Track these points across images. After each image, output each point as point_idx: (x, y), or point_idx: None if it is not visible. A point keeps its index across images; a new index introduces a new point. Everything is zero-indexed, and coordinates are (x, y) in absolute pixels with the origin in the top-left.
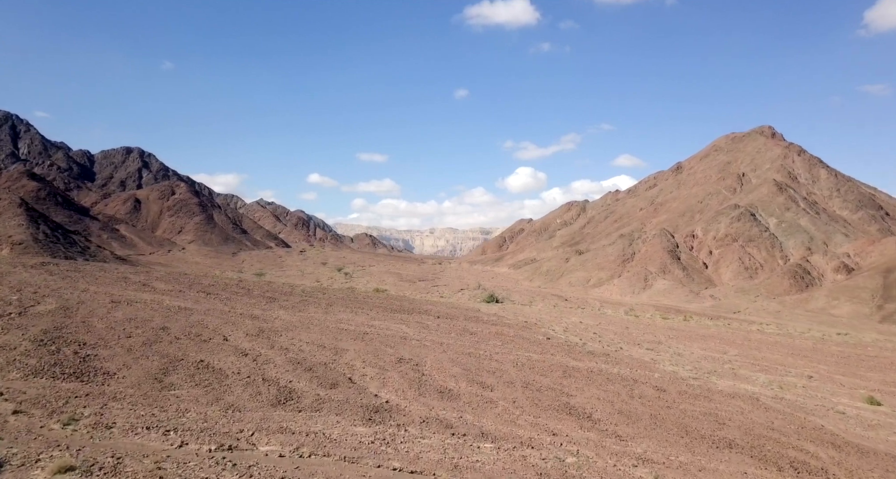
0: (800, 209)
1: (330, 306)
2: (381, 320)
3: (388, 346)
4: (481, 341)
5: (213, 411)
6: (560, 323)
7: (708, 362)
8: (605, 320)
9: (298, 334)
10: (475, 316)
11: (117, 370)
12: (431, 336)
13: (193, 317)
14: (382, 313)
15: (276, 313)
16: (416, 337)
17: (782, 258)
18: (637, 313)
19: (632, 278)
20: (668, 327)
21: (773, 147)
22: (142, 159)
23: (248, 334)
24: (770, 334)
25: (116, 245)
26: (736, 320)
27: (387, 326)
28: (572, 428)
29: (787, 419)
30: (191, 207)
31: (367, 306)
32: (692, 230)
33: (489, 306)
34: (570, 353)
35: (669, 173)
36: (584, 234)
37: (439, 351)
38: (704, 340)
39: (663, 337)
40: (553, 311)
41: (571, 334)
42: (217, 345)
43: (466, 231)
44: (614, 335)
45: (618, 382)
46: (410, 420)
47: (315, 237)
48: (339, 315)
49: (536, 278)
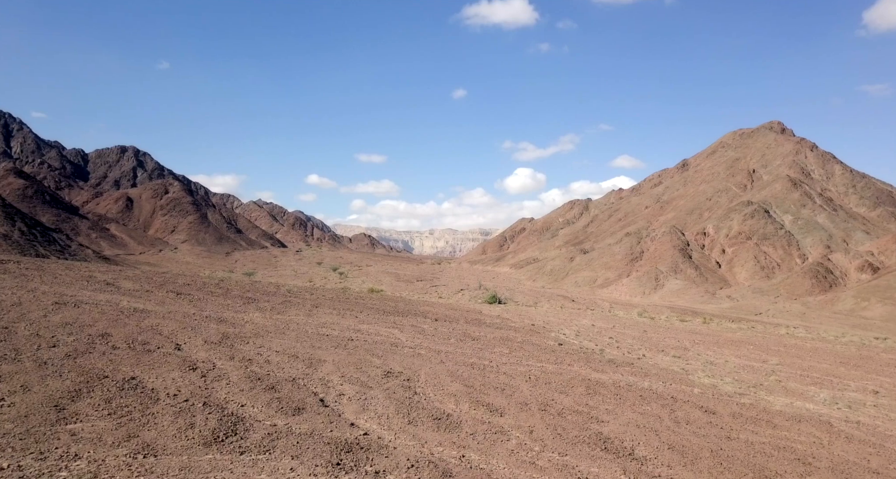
0: (816, 206)
1: (315, 308)
2: (371, 324)
3: (375, 355)
4: (485, 347)
5: (116, 456)
6: (570, 326)
7: (748, 373)
8: (619, 323)
9: (269, 340)
10: (477, 319)
11: (9, 394)
12: (427, 343)
13: (147, 321)
14: (374, 315)
15: (249, 316)
16: (409, 344)
17: (800, 257)
18: (651, 314)
19: (641, 278)
20: (689, 330)
21: (783, 142)
22: (137, 158)
23: (207, 341)
24: (803, 338)
25: (106, 244)
26: (759, 322)
27: (377, 330)
28: (612, 472)
29: (882, 455)
30: (184, 207)
31: (358, 308)
32: (703, 228)
33: (492, 308)
34: (589, 362)
35: (675, 171)
36: (587, 232)
37: (436, 361)
38: (735, 346)
39: (687, 342)
40: (561, 313)
41: (585, 338)
42: (162, 356)
43: (466, 232)
44: (633, 340)
45: (653, 400)
46: (394, 464)
47: (312, 237)
48: (324, 318)
49: (540, 278)
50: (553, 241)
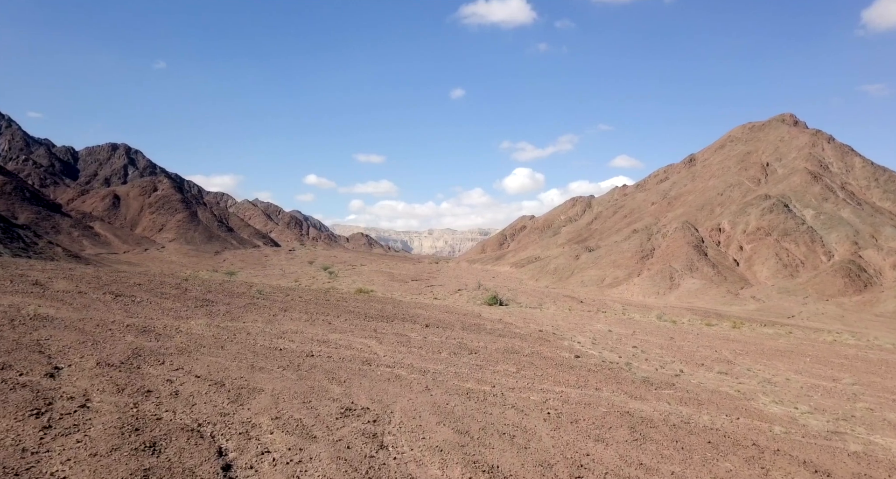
0: (839, 200)
1: (283, 312)
2: (345, 333)
3: (335, 380)
4: (485, 364)
5: None
6: (584, 332)
7: (824, 397)
8: (639, 328)
9: (196, 359)
10: (475, 323)
11: None
12: (412, 358)
13: (39, 333)
14: (352, 320)
15: (189, 324)
16: (387, 361)
17: (825, 254)
18: (672, 317)
19: (655, 277)
20: (721, 336)
21: (798, 135)
22: (128, 156)
23: (104, 362)
24: (856, 346)
25: (88, 243)
26: (795, 326)
27: (349, 341)
28: None
29: None
30: (173, 204)
31: (336, 312)
32: (718, 223)
33: (492, 310)
34: (620, 383)
35: (681, 166)
36: (591, 230)
37: (419, 388)
38: (786, 357)
39: (727, 352)
40: (570, 316)
41: (604, 348)
42: (10, 389)
43: (465, 232)
44: (661, 350)
45: (730, 450)
46: None
47: (308, 237)
48: (287, 325)
49: (543, 277)
50: (555, 239)
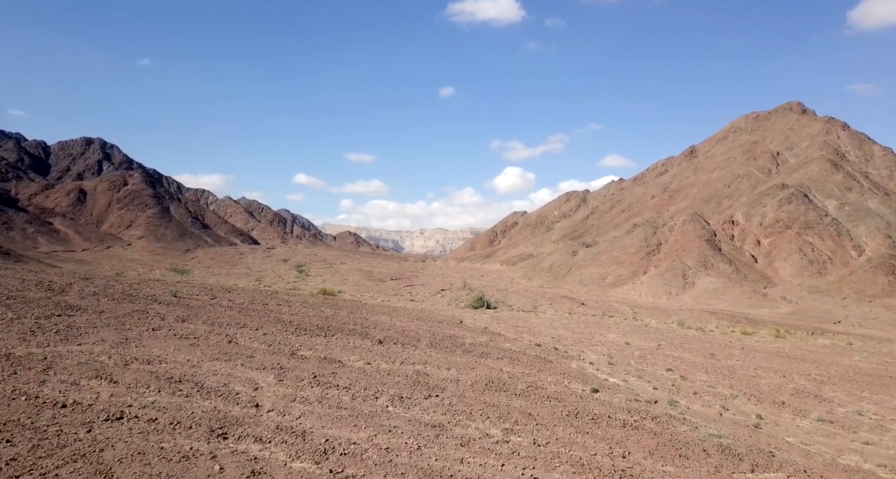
0: (865, 190)
1: (180, 322)
2: (235, 360)
3: None
4: (451, 419)
5: None
6: (594, 345)
7: None
8: (662, 339)
9: None
10: (451, 335)
11: None
12: (315, 416)
13: None
14: (273, 335)
15: None
16: (265, 424)
17: (854, 249)
18: (696, 323)
19: (665, 275)
20: (773, 352)
21: (809, 123)
22: (103, 151)
23: None
24: None
25: (44, 240)
26: (848, 334)
27: (223, 378)
28: None
29: None
30: (144, 200)
31: (261, 321)
32: (731, 216)
33: (477, 315)
34: (685, 458)
35: (682, 158)
36: (587, 225)
37: None
38: (882, 385)
39: (801, 379)
40: (571, 321)
41: (628, 372)
42: None
43: (456, 232)
44: (706, 375)
45: None
46: None
47: (291, 235)
48: (148, 348)
49: (537, 276)
50: (549, 235)
